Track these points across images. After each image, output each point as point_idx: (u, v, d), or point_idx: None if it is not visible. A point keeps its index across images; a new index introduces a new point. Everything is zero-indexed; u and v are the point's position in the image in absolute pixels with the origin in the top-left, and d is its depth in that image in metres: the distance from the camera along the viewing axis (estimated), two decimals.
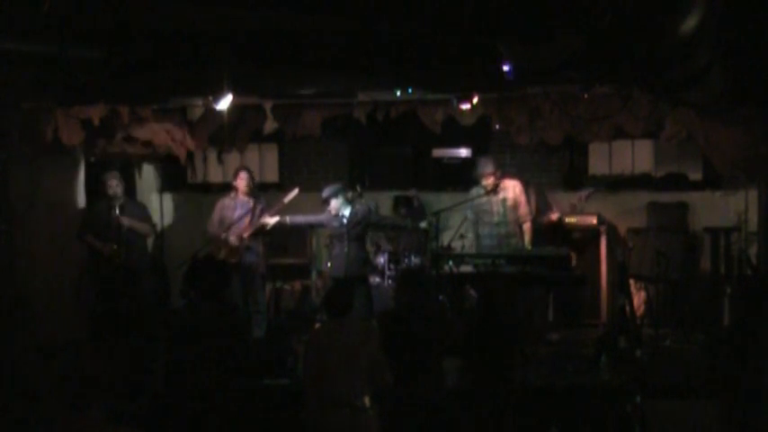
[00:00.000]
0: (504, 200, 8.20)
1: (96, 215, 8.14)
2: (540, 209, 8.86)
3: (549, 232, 8.66)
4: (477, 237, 8.33)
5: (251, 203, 8.29)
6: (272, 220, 8.16)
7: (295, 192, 8.08)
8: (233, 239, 8.13)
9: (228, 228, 8.20)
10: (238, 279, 8.10)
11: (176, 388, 5.09)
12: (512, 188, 8.26)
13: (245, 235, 8.15)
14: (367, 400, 4.99)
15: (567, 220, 8.96)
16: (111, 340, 7.42)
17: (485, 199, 8.17)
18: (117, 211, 8.00)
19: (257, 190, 8.65)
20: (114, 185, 8.04)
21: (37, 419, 4.92)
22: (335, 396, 4.96)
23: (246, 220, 8.22)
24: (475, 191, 8.26)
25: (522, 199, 8.27)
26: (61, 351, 6.91)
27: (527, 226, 8.26)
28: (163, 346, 5.29)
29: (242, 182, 8.28)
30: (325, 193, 7.94)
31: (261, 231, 8.28)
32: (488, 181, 8.11)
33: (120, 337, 7.42)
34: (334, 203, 7.92)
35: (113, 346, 7.09)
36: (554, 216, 8.86)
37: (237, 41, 5.88)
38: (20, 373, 6.30)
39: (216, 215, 8.34)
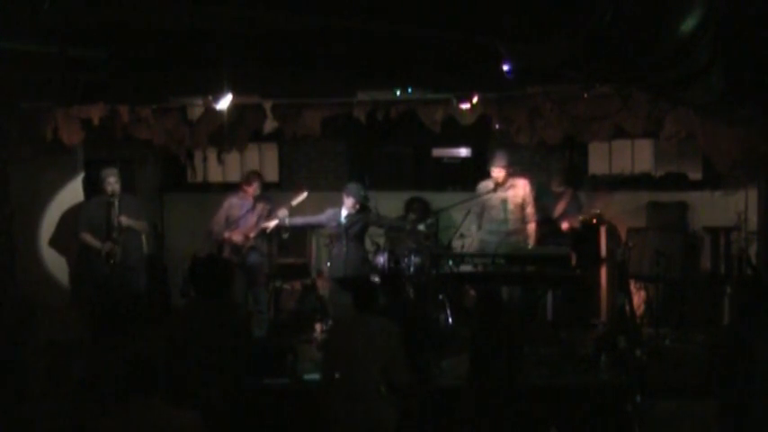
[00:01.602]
0: (514, 197, 8.18)
1: (93, 213, 8.11)
2: (569, 210, 8.72)
3: (551, 233, 8.62)
4: (480, 231, 8.31)
5: (258, 204, 8.33)
6: (271, 224, 8.20)
7: (304, 195, 8.13)
8: (237, 238, 8.16)
9: (234, 227, 8.24)
10: (241, 278, 8.14)
11: (176, 388, 5.09)
12: (522, 186, 8.24)
13: (251, 235, 8.19)
14: (384, 390, 5.05)
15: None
16: (111, 340, 7.41)
17: (494, 194, 8.15)
18: (117, 210, 7.98)
19: (266, 191, 8.71)
20: (113, 182, 8.01)
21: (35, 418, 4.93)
22: (354, 386, 5.02)
23: (253, 220, 8.26)
24: (483, 184, 8.23)
25: (531, 199, 8.25)
26: (61, 351, 6.92)
27: (531, 226, 8.24)
28: (163, 345, 5.29)
29: (254, 189, 8.34)
30: (354, 189, 8.10)
31: (264, 232, 8.32)
32: (500, 174, 8.08)
33: (120, 336, 7.41)
34: (351, 202, 8.04)
35: (113, 345, 7.08)
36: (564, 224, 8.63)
37: (237, 41, 5.88)
38: (20, 373, 6.30)
39: (222, 213, 8.36)
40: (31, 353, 7.19)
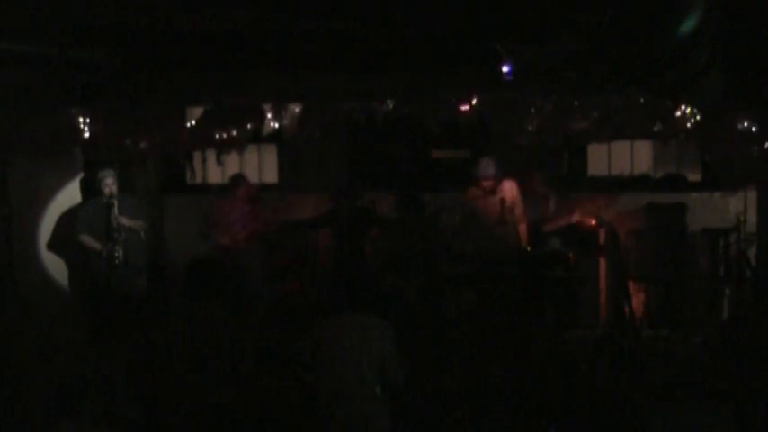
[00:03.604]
0: (502, 201, 8.20)
1: (92, 215, 8.09)
2: (557, 210, 8.66)
3: (549, 233, 8.61)
4: (474, 237, 8.33)
5: (248, 206, 8.40)
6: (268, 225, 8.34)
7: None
8: (226, 241, 8.22)
9: (225, 230, 8.32)
10: (235, 279, 8.20)
11: (174, 389, 5.10)
12: (509, 189, 8.26)
13: (240, 237, 8.27)
14: (378, 390, 5.05)
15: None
16: (110, 341, 7.41)
17: (483, 200, 8.17)
18: (116, 211, 7.97)
19: (256, 191, 8.76)
20: (110, 184, 8.01)
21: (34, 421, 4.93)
22: (346, 387, 5.02)
23: (241, 222, 8.33)
24: (472, 191, 8.26)
25: (519, 201, 8.27)
26: (60, 352, 6.91)
27: (522, 227, 8.25)
28: (161, 347, 5.29)
29: (242, 191, 8.49)
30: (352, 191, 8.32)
31: (259, 234, 8.39)
32: (488, 182, 8.11)
33: (119, 337, 7.41)
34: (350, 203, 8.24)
35: (112, 347, 7.08)
36: (574, 218, 8.53)
37: (238, 42, 5.89)
38: (19, 373, 6.28)
39: (212, 217, 8.48)
40: (28, 354, 7.18)
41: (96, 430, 4.06)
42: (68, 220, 8.43)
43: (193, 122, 8.87)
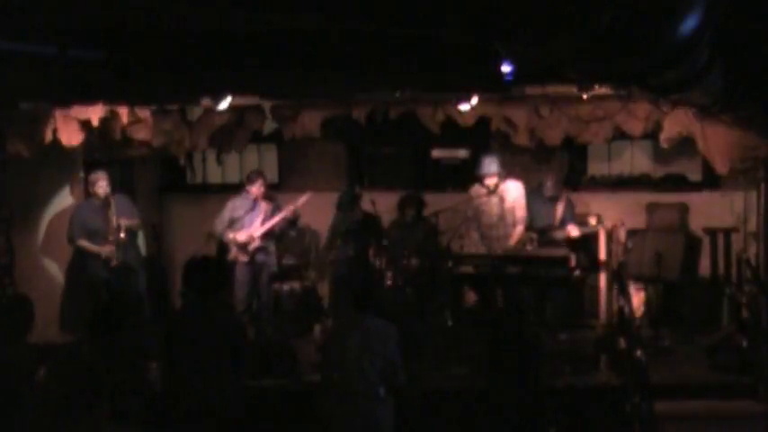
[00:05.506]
0: (504, 201, 8.19)
1: (88, 217, 8.05)
2: (566, 219, 8.49)
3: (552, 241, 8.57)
4: (475, 237, 8.32)
5: (262, 204, 8.34)
6: (276, 220, 8.26)
7: (307, 196, 8.17)
8: (242, 238, 8.15)
9: (238, 227, 8.24)
10: (246, 277, 8.18)
11: (174, 389, 5.10)
12: (513, 189, 8.23)
13: (256, 235, 8.20)
14: (382, 391, 5.06)
15: None
16: (109, 340, 7.39)
17: (485, 199, 8.15)
18: (115, 213, 7.95)
19: (270, 191, 8.73)
20: (104, 185, 7.98)
21: (37, 420, 4.92)
22: (352, 387, 5.03)
23: (257, 220, 8.27)
24: (475, 189, 8.24)
25: (522, 202, 8.22)
26: (60, 351, 6.89)
27: (519, 229, 8.21)
28: (160, 346, 5.29)
29: (258, 189, 8.32)
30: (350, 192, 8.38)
31: (271, 232, 8.36)
32: (491, 181, 8.09)
33: (118, 337, 7.39)
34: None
35: (111, 346, 7.06)
36: (573, 232, 8.28)
37: (237, 42, 5.88)
38: (19, 373, 6.28)
39: (226, 214, 8.33)
40: (28, 354, 7.17)
41: (98, 428, 4.05)
42: (63, 221, 8.39)
43: (193, 122, 8.91)
